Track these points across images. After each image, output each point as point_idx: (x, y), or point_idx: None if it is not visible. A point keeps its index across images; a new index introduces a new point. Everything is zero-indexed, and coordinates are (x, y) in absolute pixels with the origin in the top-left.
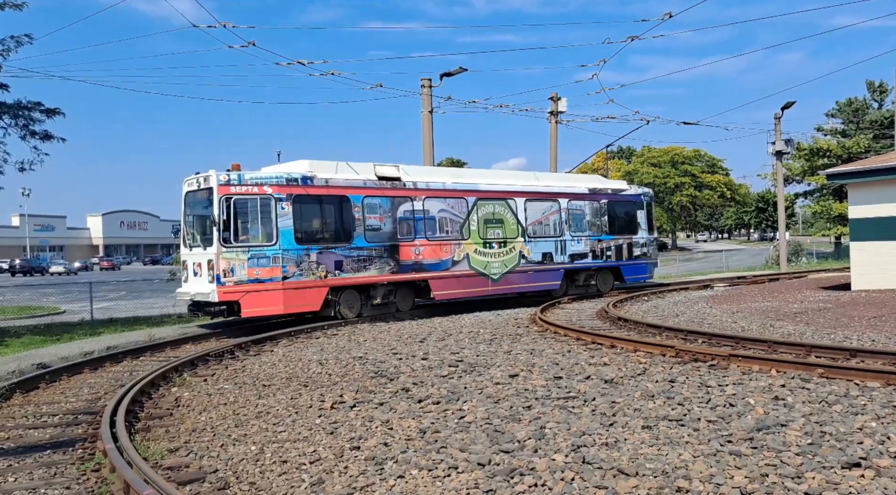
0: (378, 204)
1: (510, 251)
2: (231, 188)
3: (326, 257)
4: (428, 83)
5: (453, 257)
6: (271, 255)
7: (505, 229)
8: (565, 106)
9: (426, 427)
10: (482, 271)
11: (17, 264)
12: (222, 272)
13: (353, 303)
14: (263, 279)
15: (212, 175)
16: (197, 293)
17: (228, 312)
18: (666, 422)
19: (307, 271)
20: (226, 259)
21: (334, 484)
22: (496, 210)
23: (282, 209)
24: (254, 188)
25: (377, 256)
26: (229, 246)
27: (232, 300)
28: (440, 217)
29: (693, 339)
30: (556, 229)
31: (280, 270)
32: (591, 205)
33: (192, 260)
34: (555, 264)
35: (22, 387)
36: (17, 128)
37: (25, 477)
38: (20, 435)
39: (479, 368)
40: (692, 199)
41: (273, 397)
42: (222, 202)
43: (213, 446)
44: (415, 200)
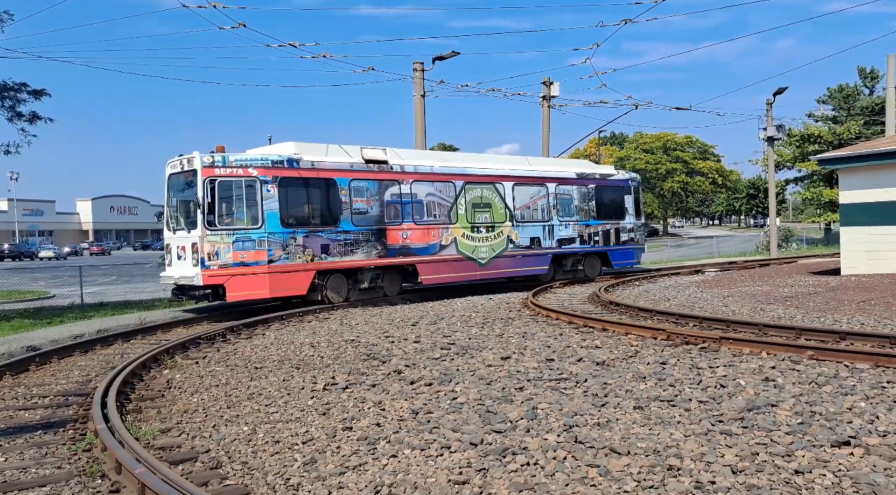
0: (365, 187)
1: (498, 236)
2: (215, 170)
3: (313, 241)
4: (420, 67)
5: (441, 241)
6: (257, 239)
7: (493, 214)
8: (558, 90)
9: (418, 408)
10: (470, 255)
11: (6, 249)
12: (207, 255)
13: (340, 287)
14: (249, 262)
15: (196, 156)
16: (181, 277)
17: (213, 296)
18: (657, 403)
19: (293, 255)
20: (210, 242)
21: (327, 464)
22: (484, 194)
23: (267, 192)
24: (239, 170)
25: (364, 240)
26: (214, 229)
27: (217, 284)
28: (428, 201)
29: (684, 323)
30: (544, 214)
31: (266, 254)
32: (579, 189)
33: (175, 243)
34: (543, 249)
35: (11, 370)
36: (4, 109)
37: (16, 458)
38: (10, 416)
39: (472, 351)
40: (683, 186)
41: (265, 379)
42: (207, 184)
43: (205, 427)
44: (402, 184)
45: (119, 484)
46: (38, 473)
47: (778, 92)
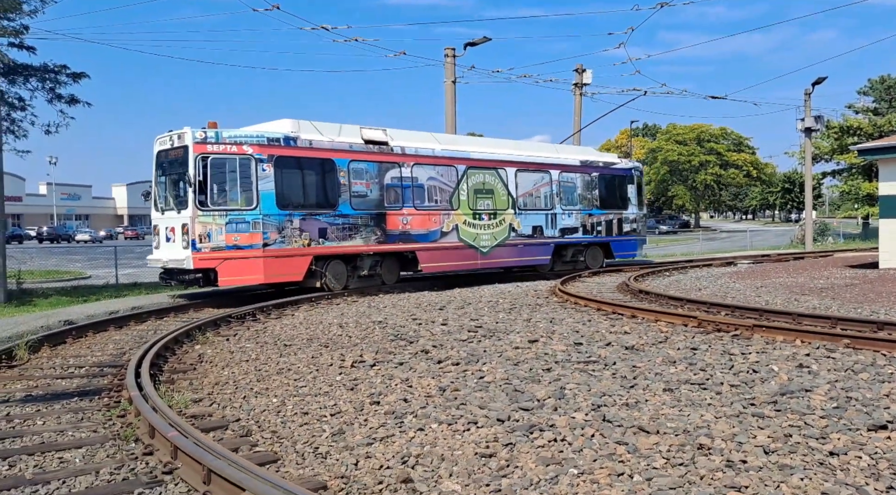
0: (365, 169)
1: (500, 223)
2: (208, 146)
3: (310, 224)
4: (452, 53)
5: (442, 228)
6: (251, 220)
7: (495, 200)
8: (590, 78)
9: (445, 385)
10: (471, 243)
11: (45, 231)
12: (198, 237)
13: (339, 273)
14: (243, 246)
15: (187, 132)
16: (170, 260)
17: (204, 281)
18: (687, 386)
19: (290, 238)
20: (202, 223)
21: (354, 435)
22: (486, 180)
23: (263, 171)
24: (232, 147)
25: (363, 225)
26: (206, 209)
27: (208, 268)
28: (429, 185)
29: (716, 311)
30: (546, 202)
31: (261, 236)
32: (582, 177)
33: (164, 224)
34: (545, 238)
35: (49, 341)
36: (44, 91)
37: (54, 421)
38: (48, 384)
39: (499, 334)
40: (717, 178)
41: (294, 356)
42: (198, 161)
43: (235, 398)
44: (403, 167)
45: (152, 446)
46: (75, 436)
47: (817, 82)
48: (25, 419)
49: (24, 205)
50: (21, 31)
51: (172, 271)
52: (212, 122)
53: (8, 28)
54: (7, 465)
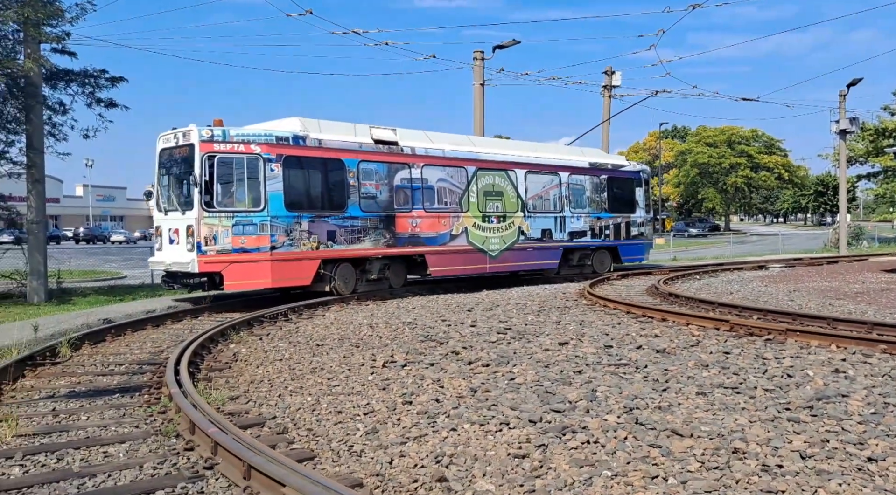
0: (374, 170)
1: (509, 226)
2: (214, 145)
3: (319, 226)
4: (480, 55)
5: (451, 231)
6: (259, 222)
7: (504, 203)
8: (619, 80)
9: (476, 386)
10: (480, 247)
11: (81, 232)
12: (203, 239)
13: (349, 277)
14: (249, 248)
15: (193, 129)
16: (173, 262)
17: (209, 285)
18: (721, 390)
19: (297, 241)
20: (208, 225)
21: (388, 434)
22: (496, 181)
23: (271, 171)
24: (240, 146)
25: (372, 227)
26: (212, 210)
27: (214, 271)
28: (439, 187)
29: (748, 315)
30: (556, 205)
31: (268, 239)
32: (591, 180)
33: (167, 225)
34: (554, 242)
35: (90, 339)
36: (84, 95)
37: (97, 417)
38: (90, 381)
39: (528, 336)
40: (747, 181)
41: (326, 355)
42: (205, 160)
43: (270, 396)
44: (412, 168)
45: (193, 442)
46: (118, 431)
47: (852, 83)
48: (70, 414)
49: (61, 206)
50: (63, 38)
51: (176, 274)
52: (217, 120)
53: (51, 34)
54: (55, 458)
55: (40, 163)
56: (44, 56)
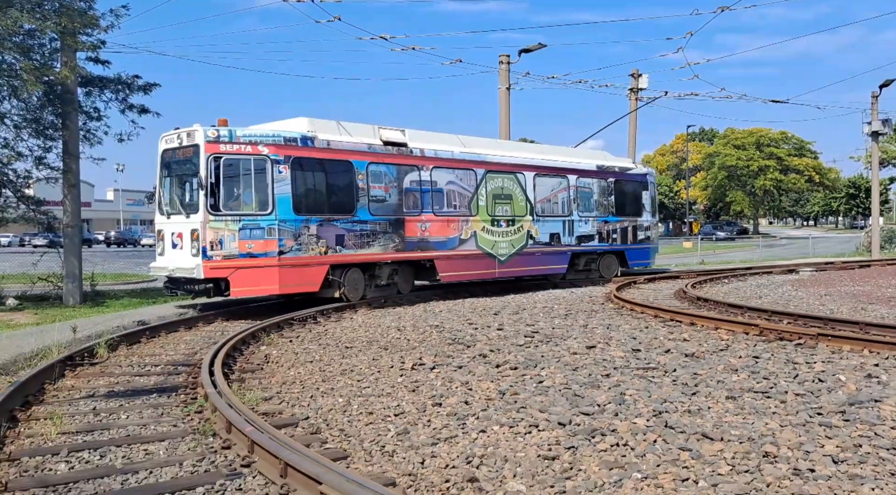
0: (383, 172)
1: (518, 230)
2: (220, 146)
3: (327, 230)
4: (506, 59)
5: (460, 235)
6: (266, 226)
7: (513, 206)
8: (647, 83)
9: (505, 389)
10: (489, 251)
11: (112, 236)
12: (209, 244)
13: (357, 283)
14: (257, 253)
15: (198, 130)
16: (177, 268)
17: (215, 291)
18: (751, 394)
19: (306, 246)
20: (213, 229)
21: (419, 435)
22: (505, 185)
23: (279, 173)
24: (247, 147)
25: (382, 231)
26: (218, 214)
27: (220, 277)
28: (448, 190)
29: (778, 319)
30: (564, 208)
31: (276, 244)
32: (598, 183)
33: (170, 229)
34: (562, 246)
35: (126, 341)
36: (117, 101)
37: (136, 416)
38: (128, 381)
39: (556, 339)
40: (777, 184)
41: (356, 357)
42: (210, 162)
43: (302, 397)
44: (422, 170)
45: (229, 441)
46: (157, 430)
47: (885, 84)
48: (110, 413)
49: (92, 210)
50: (98, 46)
51: (179, 280)
52: (222, 120)
53: (86, 43)
54: (98, 455)
55: (76, 168)
56: (79, 64)
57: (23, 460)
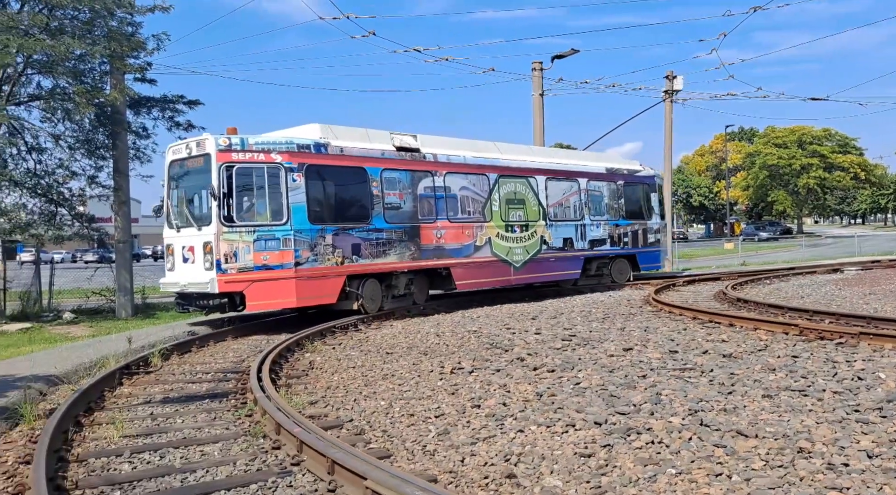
0: (397, 178)
1: (532, 236)
2: (233, 154)
3: (343, 240)
4: (539, 66)
5: (475, 242)
6: (281, 237)
7: (526, 211)
8: (681, 84)
9: (542, 391)
10: (504, 258)
11: (160, 250)
12: (223, 257)
13: (375, 294)
14: (272, 265)
15: (209, 138)
16: (189, 283)
17: (230, 306)
18: (788, 392)
19: (322, 256)
20: (227, 240)
21: (458, 435)
22: (517, 189)
23: (293, 181)
24: (260, 155)
25: (398, 240)
26: (232, 225)
27: (235, 291)
28: (462, 195)
29: (819, 319)
30: (576, 212)
31: (292, 255)
32: (608, 186)
33: (181, 243)
34: (575, 251)
35: (178, 350)
36: (164, 119)
37: (191, 420)
38: (182, 388)
39: (593, 342)
40: (820, 182)
41: (396, 362)
42: (223, 171)
43: (346, 401)
44: (435, 175)
45: (279, 442)
46: (211, 433)
47: None
48: (167, 418)
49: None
50: (145, 68)
51: (191, 296)
52: (231, 128)
53: (134, 65)
54: (158, 456)
55: (126, 185)
56: (128, 85)
57: (90, 461)
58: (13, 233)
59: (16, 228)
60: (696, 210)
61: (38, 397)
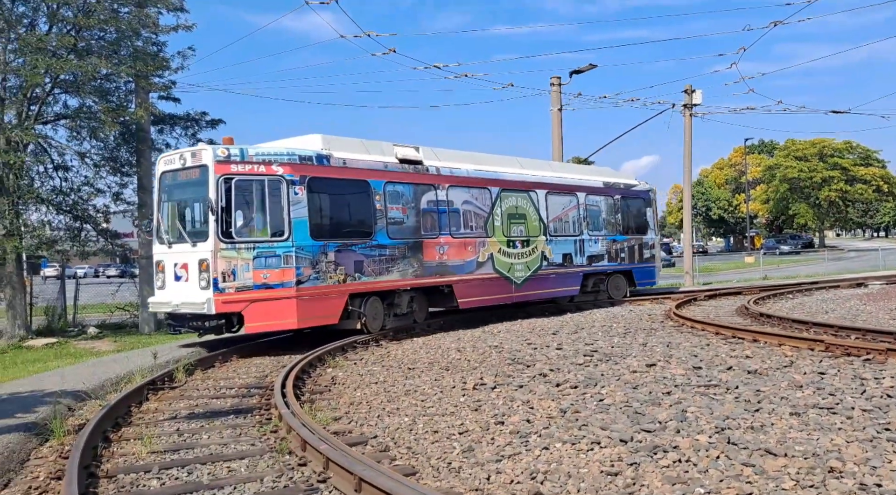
0: (400, 192)
1: (532, 252)
2: (232, 166)
3: (345, 256)
4: (557, 81)
5: (478, 258)
6: (282, 254)
7: (527, 226)
8: (700, 98)
9: (566, 407)
10: (506, 274)
11: None
12: (221, 275)
13: (377, 313)
14: (273, 284)
15: (206, 149)
16: (182, 303)
17: (227, 327)
18: (816, 410)
19: (324, 274)
20: (225, 258)
21: (483, 452)
22: (519, 203)
23: (295, 194)
24: (260, 167)
25: (400, 256)
26: (230, 241)
27: (233, 311)
28: (464, 210)
29: (845, 335)
30: (575, 227)
31: (293, 272)
32: (605, 200)
33: (172, 260)
34: (574, 267)
35: (202, 365)
36: (187, 137)
37: (216, 436)
38: (206, 403)
39: (615, 358)
40: (842, 195)
41: (418, 378)
42: (221, 184)
43: (370, 417)
44: (438, 189)
45: (305, 458)
46: (237, 449)
47: None
48: (193, 433)
49: None
50: (169, 87)
51: (184, 317)
52: (228, 138)
53: (158, 84)
54: (186, 472)
55: (150, 202)
56: (152, 103)
57: (119, 477)
58: (39, 249)
59: (42, 244)
60: (715, 223)
61: (67, 412)
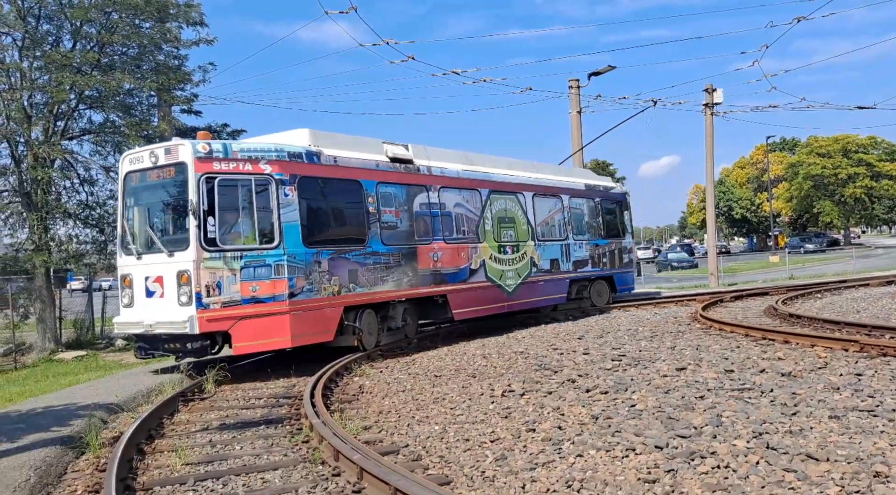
0: (393, 193)
1: (522, 257)
2: (214, 164)
3: (339, 265)
4: (576, 84)
5: (471, 265)
6: (273, 263)
7: (517, 230)
8: (721, 97)
9: (597, 413)
10: (498, 282)
11: None
12: (205, 289)
13: (372, 327)
14: (263, 298)
15: (184, 144)
16: (157, 322)
17: (211, 348)
18: (856, 413)
19: (318, 285)
20: (209, 269)
21: (516, 460)
22: (508, 206)
23: (285, 195)
24: (246, 164)
25: (395, 264)
26: (215, 249)
27: (219, 330)
28: (456, 213)
29: (879, 334)
30: (560, 231)
31: (285, 284)
32: (587, 203)
33: (143, 273)
34: (561, 273)
35: (230, 375)
36: None
37: (249, 447)
38: (237, 414)
39: (644, 362)
40: (868, 191)
41: (446, 385)
42: (203, 184)
43: (399, 426)
44: (430, 190)
45: (338, 468)
46: (269, 459)
47: None
48: (225, 444)
49: None
50: (191, 100)
51: (157, 338)
52: (203, 133)
53: (180, 98)
54: (221, 484)
55: None
56: (174, 117)
57: (155, 489)
58: (67, 263)
59: (70, 258)
60: (737, 223)
61: (101, 425)
